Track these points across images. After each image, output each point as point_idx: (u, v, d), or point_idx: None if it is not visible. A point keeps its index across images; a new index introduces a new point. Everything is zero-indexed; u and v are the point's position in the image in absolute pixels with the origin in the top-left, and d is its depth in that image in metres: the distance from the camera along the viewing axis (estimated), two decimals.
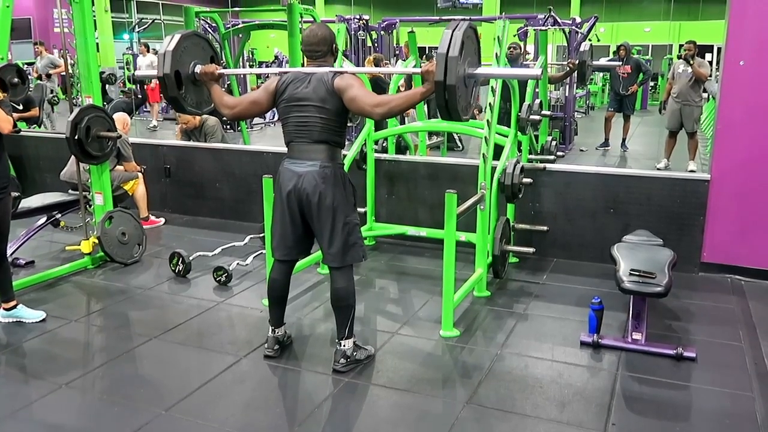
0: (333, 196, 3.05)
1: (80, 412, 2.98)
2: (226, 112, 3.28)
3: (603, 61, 9.63)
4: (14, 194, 4.37)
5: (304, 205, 3.09)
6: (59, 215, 5.10)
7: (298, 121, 3.08)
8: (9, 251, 4.75)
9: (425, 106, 7.71)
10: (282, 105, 3.12)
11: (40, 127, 8.73)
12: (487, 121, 4.25)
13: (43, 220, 5.06)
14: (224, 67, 10.62)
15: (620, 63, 9.35)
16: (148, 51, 13.87)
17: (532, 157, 5.64)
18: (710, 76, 8.49)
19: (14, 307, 3.76)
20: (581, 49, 7.14)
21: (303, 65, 3.22)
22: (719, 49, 10.52)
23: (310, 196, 3.05)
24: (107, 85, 11.98)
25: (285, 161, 3.15)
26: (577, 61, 7.20)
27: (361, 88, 2.99)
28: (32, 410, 2.94)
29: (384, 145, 5.59)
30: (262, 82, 18.16)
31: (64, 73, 10.65)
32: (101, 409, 2.96)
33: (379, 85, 7.81)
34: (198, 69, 3.34)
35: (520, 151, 5.02)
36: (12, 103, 6.55)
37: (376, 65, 8.44)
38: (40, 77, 10.47)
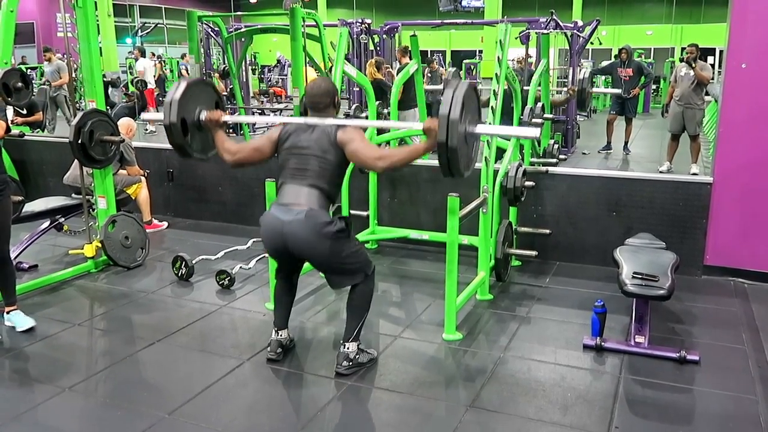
0: (320, 244, 3.02)
1: (83, 415, 2.98)
2: (228, 157, 3.29)
3: (602, 89, 9.61)
4: (18, 198, 4.39)
5: (291, 250, 3.09)
6: (62, 219, 5.11)
7: (296, 166, 3.09)
8: (12, 255, 4.77)
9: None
10: (283, 152, 3.15)
11: (43, 131, 8.75)
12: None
13: (46, 224, 5.07)
14: (226, 71, 10.66)
15: (619, 92, 9.35)
16: (143, 55, 13.90)
17: (535, 160, 5.64)
18: (712, 78, 8.49)
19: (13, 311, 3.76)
20: (581, 76, 7.15)
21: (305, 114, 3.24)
22: (721, 52, 10.50)
23: (299, 245, 3.03)
24: (110, 88, 12.02)
25: (273, 206, 3.12)
26: (576, 88, 7.22)
27: (363, 141, 3.03)
28: (36, 414, 2.95)
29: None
30: (264, 87, 18.28)
31: (65, 86, 10.70)
32: (104, 412, 2.97)
33: (381, 88, 7.83)
34: (203, 115, 3.36)
35: (522, 154, 5.02)
36: (16, 107, 6.59)
37: (377, 68, 8.46)
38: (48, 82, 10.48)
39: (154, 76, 13.97)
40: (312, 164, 3.05)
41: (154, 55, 17.84)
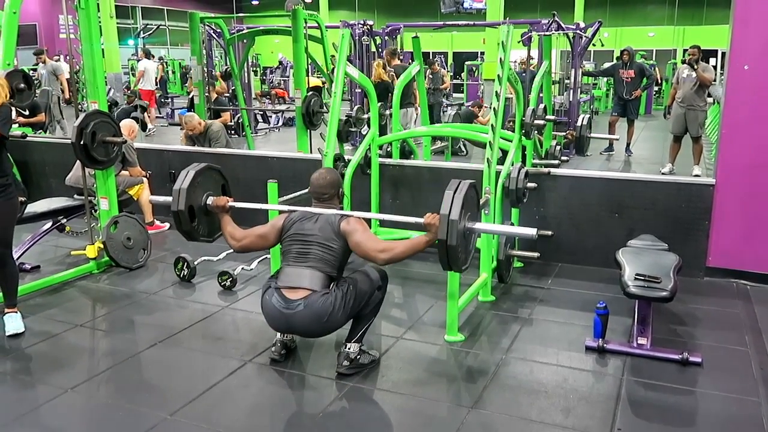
0: (331, 327, 3.12)
1: (85, 416, 2.99)
2: (233, 243, 3.36)
3: (599, 134, 9.63)
4: (20, 199, 4.39)
5: (303, 336, 3.27)
6: (65, 220, 5.12)
7: (299, 250, 3.15)
8: (15, 256, 4.77)
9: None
10: (286, 240, 3.20)
11: (46, 132, 8.76)
12: (492, 125, 4.25)
13: (48, 224, 5.08)
14: (228, 72, 10.66)
15: (616, 138, 9.36)
16: (147, 57, 13.91)
17: (537, 161, 5.63)
18: (714, 80, 8.48)
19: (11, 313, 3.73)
20: (579, 123, 7.17)
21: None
22: (723, 54, 10.47)
23: (310, 334, 3.21)
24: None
25: (274, 293, 3.12)
26: (575, 132, 7.23)
27: (365, 233, 3.11)
28: (38, 414, 2.95)
29: (388, 149, 5.60)
30: (265, 88, 18.28)
31: (61, 89, 10.74)
32: (106, 413, 2.97)
33: (387, 89, 7.85)
34: (210, 201, 3.43)
35: (524, 155, 5.02)
36: (18, 108, 6.59)
37: (384, 68, 8.52)
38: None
39: (157, 77, 13.99)
40: (315, 250, 3.12)
41: (155, 56, 17.78)
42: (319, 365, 3.34)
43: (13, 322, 3.68)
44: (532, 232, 3.11)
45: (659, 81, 16.53)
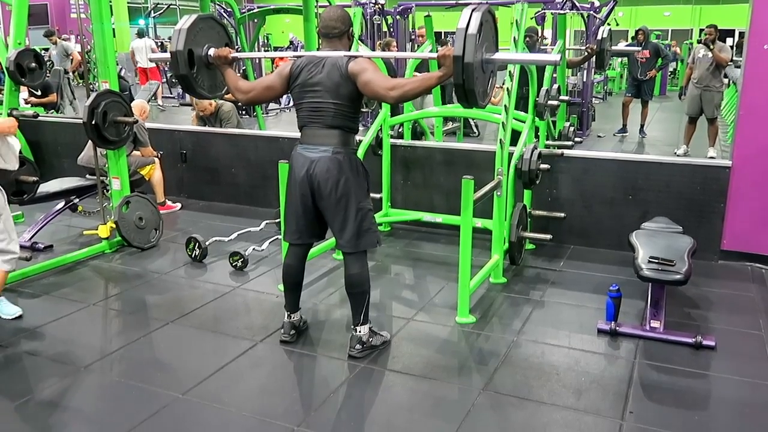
0: (345, 183, 3.04)
1: (98, 395, 3.01)
2: (241, 96, 3.26)
3: (622, 46, 9.48)
4: (33, 179, 4.41)
5: (315, 192, 3.08)
6: (77, 200, 5.15)
7: (311, 106, 3.07)
8: (28, 236, 4.81)
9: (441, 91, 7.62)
10: (296, 90, 3.11)
11: (57, 112, 8.78)
12: (505, 106, 4.21)
13: (61, 204, 5.11)
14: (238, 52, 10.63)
15: (639, 48, 9.21)
16: (140, 36, 13.82)
17: (550, 143, 5.58)
18: (731, 61, 8.35)
19: None
20: (600, 35, 7.05)
21: (318, 49, 3.19)
22: (741, 34, 10.28)
23: (322, 183, 3.04)
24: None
25: (298, 146, 3.15)
26: (595, 47, 7.09)
27: (375, 72, 2.96)
28: (51, 393, 2.97)
29: (400, 130, 5.56)
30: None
31: (70, 69, 10.73)
32: (119, 392, 2.99)
33: (391, 70, 7.77)
34: (212, 52, 3.32)
35: (537, 136, 4.97)
36: (30, 87, 6.60)
37: (385, 49, 8.42)
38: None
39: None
40: (327, 103, 3.03)
41: (141, 36, 17.55)
42: (330, 346, 3.35)
43: (5, 308, 3.64)
44: (555, 58, 2.99)
45: (680, 59, 16.27)
